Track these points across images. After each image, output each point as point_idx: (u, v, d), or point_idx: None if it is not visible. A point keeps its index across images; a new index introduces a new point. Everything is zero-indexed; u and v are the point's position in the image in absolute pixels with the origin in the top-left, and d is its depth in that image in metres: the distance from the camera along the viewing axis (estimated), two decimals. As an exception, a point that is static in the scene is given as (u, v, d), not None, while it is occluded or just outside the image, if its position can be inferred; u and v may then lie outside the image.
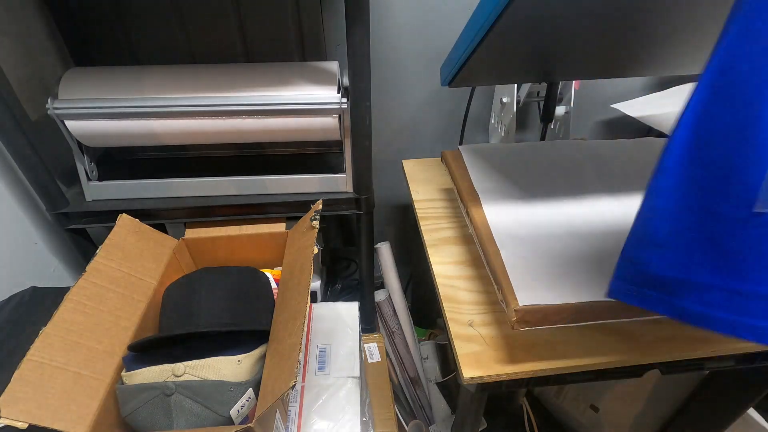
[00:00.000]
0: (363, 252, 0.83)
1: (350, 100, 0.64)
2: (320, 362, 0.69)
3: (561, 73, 0.72)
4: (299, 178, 0.74)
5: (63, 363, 0.49)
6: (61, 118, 0.64)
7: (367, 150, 0.69)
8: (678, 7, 0.44)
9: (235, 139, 0.70)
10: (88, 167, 0.71)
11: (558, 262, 0.53)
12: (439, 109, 0.98)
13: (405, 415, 0.97)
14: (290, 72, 0.68)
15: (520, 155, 0.72)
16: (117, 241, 0.63)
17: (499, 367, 0.51)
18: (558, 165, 0.70)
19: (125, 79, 0.66)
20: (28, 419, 0.43)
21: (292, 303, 0.57)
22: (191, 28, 0.74)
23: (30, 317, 0.61)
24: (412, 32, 0.87)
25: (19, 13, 0.66)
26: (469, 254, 0.67)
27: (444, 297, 0.60)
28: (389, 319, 0.98)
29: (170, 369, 0.53)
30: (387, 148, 1.02)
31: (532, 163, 0.71)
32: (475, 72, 0.58)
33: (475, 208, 0.61)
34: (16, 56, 0.66)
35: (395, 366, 0.99)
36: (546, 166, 0.70)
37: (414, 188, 0.83)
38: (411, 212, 0.80)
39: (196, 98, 0.65)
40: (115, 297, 0.59)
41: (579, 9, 0.42)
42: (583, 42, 0.53)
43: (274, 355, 0.55)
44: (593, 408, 0.99)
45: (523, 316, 0.46)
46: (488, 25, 0.42)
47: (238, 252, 0.77)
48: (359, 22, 0.56)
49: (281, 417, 0.58)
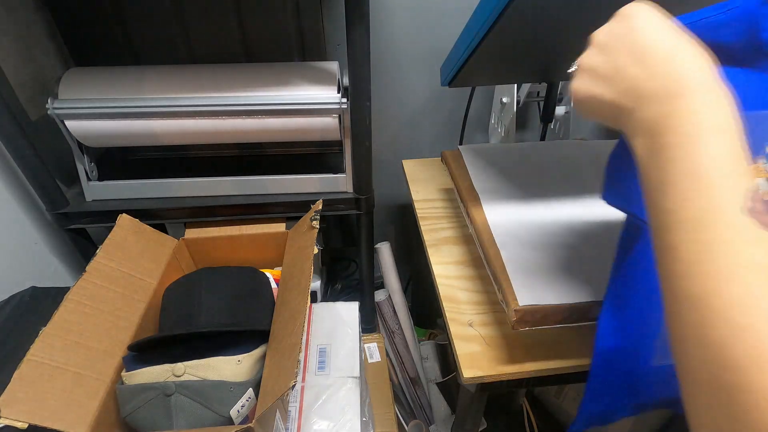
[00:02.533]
0: (363, 252, 0.83)
1: (350, 100, 0.64)
2: (320, 362, 0.69)
3: (561, 73, 0.72)
4: (299, 178, 0.74)
5: (63, 363, 0.49)
6: (61, 118, 0.64)
7: (367, 150, 0.69)
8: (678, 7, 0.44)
9: (235, 139, 0.70)
10: (88, 167, 0.71)
11: (558, 262, 0.53)
12: (439, 109, 0.98)
13: (405, 415, 0.97)
14: (290, 72, 0.68)
15: (520, 155, 0.72)
16: (117, 241, 0.63)
17: (499, 367, 0.51)
18: (558, 165, 0.70)
19: (125, 79, 0.66)
20: (28, 419, 0.43)
21: (292, 303, 0.57)
22: (191, 28, 0.74)
23: (30, 317, 0.61)
24: (412, 32, 0.87)
25: (19, 13, 0.66)
26: (469, 254, 0.67)
27: (444, 297, 0.60)
28: (389, 319, 0.98)
29: (170, 369, 0.53)
30: (387, 148, 1.02)
31: (532, 163, 0.71)
32: (475, 72, 0.58)
33: (475, 208, 0.61)
34: (16, 56, 0.66)
35: (395, 366, 0.99)
36: (546, 166, 0.70)
37: (414, 188, 0.83)
38: (411, 212, 0.80)
39: (196, 98, 0.65)
40: (115, 297, 0.59)
41: (579, 9, 0.42)
42: (583, 42, 0.53)
43: (274, 355, 0.55)
44: (593, 408, 0.99)
45: (523, 316, 0.46)
46: (488, 25, 0.42)
47: (238, 252, 0.77)
48: (359, 22, 0.56)
49: (281, 417, 0.58)
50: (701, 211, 0.22)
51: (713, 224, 0.21)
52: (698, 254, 0.21)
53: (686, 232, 0.22)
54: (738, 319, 0.19)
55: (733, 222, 0.21)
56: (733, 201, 0.21)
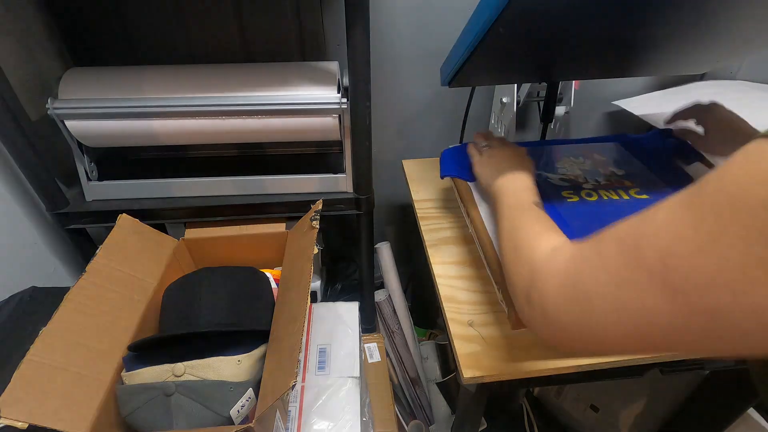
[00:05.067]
0: (363, 252, 0.83)
1: (350, 100, 0.64)
2: (320, 362, 0.69)
3: (561, 73, 0.72)
4: (299, 178, 0.74)
5: (63, 363, 0.49)
6: (61, 118, 0.64)
7: (367, 150, 0.69)
8: (678, 8, 0.44)
9: (235, 139, 0.70)
10: (88, 167, 0.71)
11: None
12: (439, 109, 0.98)
13: (405, 415, 0.97)
14: (290, 72, 0.68)
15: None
16: (117, 241, 0.63)
17: (499, 367, 0.51)
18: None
19: (125, 79, 0.66)
20: (28, 419, 0.43)
21: (292, 303, 0.57)
22: (191, 28, 0.74)
23: (30, 317, 0.61)
24: (412, 32, 0.87)
25: (19, 13, 0.66)
26: (469, 254, 0.67)
27: (444, 297, 0.60)
28: (389, 319, 0.98)
29: (170, 369, 0.53)
30: (387, 148, 1.02)
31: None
32: (475, 72, 0.58)
33: (475, 208, 0.61)
34: (16, 56, 0.66)
35: (395, 366, 0.99)
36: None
37: (414, 188, 0.83)
38: (411, 212, 0.80)
39: (196, 98, 0.65)
40: (115, 297, 0.59)
41: (579, 9, 0.42)
42: (583, 42, 0.53)
43: (274, 355, 0.55)
44: (593, 408, 0.99)
45: (523, 316, 0.46)
46: (488, 25, 0.42)
47: (238, 252, 0.77)
48: (359, 22, 0.56)
49: (281, 417, 0.58)
50: (513, 209, 0.47)
51: (517, 211, 0.46)
52: (512, 221, 0.45)
53: (507, 219, 0.46)
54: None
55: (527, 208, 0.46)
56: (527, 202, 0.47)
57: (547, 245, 0.36)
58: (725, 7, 0.44)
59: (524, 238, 0.41)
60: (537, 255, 0.36)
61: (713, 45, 0.58)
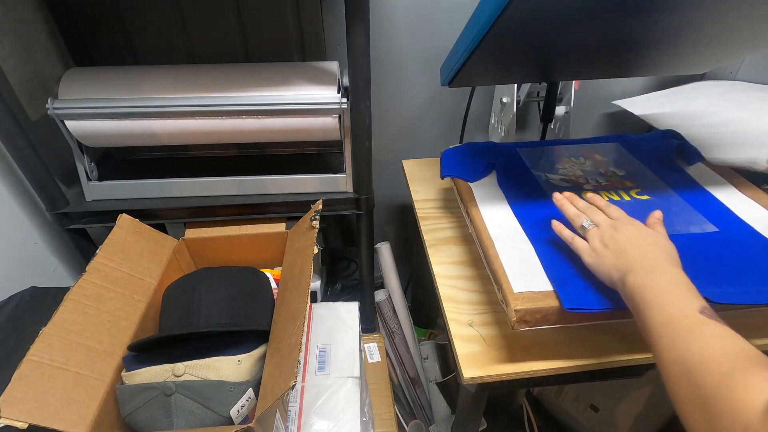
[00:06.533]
0: (363, 252, 0.83)
1: (350, 100, 0.64)
2: (320, 362, 0.69)
3: (561, 73, 0.72)
4: (299, 178, 0.74)
5: (63, 363, 0.49)
6: (61, 118, 0.64)
7: (367, 150, 0.69)
8: (678, 8, 0.44)
9: (235, 139, 0.70)
10: (88, 167, 0.71)
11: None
12: (439, 109, 0.98)
13: (405, 415, 0.97)
14: (290, 72, 0.68)
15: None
16: (117, 241, 0.63)
17: (499, 367, 0.51)
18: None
19: (125, 79, 0.66)
20: (28, 419, 0.43)
21: (292, 303, 0.57)
22: (191, 28, 0.74)
23: (30, 317, 0.61)
24: (412, 32, 0.87)
25: (19, 13, 0.66)
26: (469, 254, 0.67)
27: (444, 297, 0.60)
28: (389, 319, 0.98)
29: (170, 369, 0.53)
30: (387, 148, 1.02)
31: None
32: (475, 72, 0.58)
33: (475, 208, 0.61)
34: (16, 56, 0.66)
35: (395, 366, 0.99)
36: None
37: (414, 188, 0.83)
38: (411, 212, 0.80)
39: (196, 98, 0.65)
40: (115, 297, 0.59)
41: (579, 10, 0.42)
42: (583, 42, 0.53)
43: (274, 355, 0.55)
44: (593, 408, 0.99)
45: (523, 316, 0.46)
46: (488, 25, 0.42)
47: (238, 252, 0.77)
48: (359, 22, 0.56)
49: (281, 417, 0.58)
50: (674, 324, 0.36)
51: (681, 320, 0.36)
52: (677, 342, 0.35)
53: (669, 339, 0.36)
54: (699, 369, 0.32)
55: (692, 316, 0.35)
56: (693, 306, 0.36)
57: (760, 397, 0.27)
58: (725, 7, 0.44)
59: (712, 375, 0.30)
60: (750, 415, 0.26)
61: (713, 45, 0.58)
